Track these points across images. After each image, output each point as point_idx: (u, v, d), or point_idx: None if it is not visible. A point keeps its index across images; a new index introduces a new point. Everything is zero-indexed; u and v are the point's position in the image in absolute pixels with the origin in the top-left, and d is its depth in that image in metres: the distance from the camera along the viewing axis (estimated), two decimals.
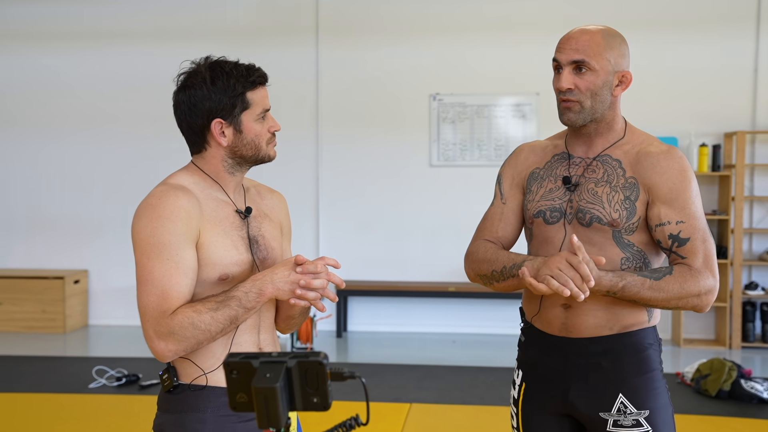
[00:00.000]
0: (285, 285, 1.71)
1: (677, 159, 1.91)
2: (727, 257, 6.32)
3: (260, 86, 1.83)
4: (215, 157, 1.83)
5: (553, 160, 2.05)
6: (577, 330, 1.97)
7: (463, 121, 6.83)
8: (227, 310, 1.69)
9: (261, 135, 1.83)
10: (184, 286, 1.70)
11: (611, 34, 1.94)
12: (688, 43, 6.55)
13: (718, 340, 6.50)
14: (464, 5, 6.79)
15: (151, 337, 1.68)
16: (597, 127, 1.97)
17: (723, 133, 6.52)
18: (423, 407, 4.73)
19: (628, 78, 1.95)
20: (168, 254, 1.69)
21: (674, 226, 1.88)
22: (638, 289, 1.84)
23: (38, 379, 5.36)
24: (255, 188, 2.00)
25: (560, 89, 1.92)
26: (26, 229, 7.23)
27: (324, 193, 6.99)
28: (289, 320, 1.96)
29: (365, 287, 6.78)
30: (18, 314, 6.89)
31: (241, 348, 1.81)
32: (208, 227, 1.77)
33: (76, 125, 7.13)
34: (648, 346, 1.97)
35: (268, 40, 6.98)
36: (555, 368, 2.01)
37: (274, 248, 1.90)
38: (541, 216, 2.01)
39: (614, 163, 1.96)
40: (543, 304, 2.02)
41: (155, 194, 1.74)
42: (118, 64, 7.01)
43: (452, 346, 6.47)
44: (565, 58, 1.92)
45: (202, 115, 1.78)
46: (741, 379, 4.89)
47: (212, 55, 1.84)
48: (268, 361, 1.18)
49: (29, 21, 7.19)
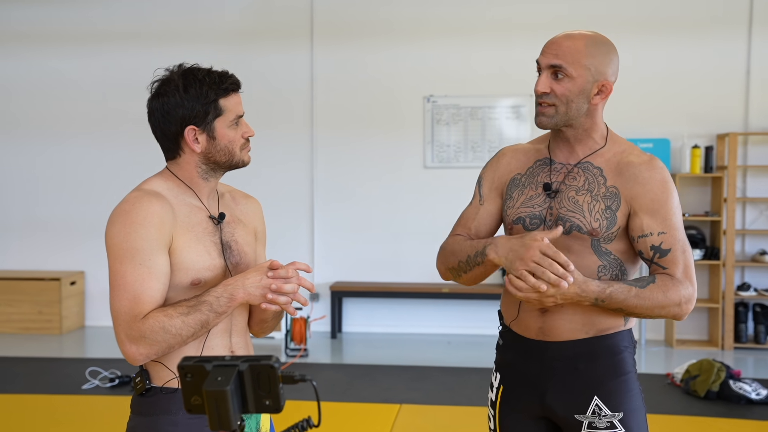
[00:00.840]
0: (256, 290, 1.75)
1: (659, 170, 1.93)
2: (720, 258, 6.34)
3: (233, 93, 1.86)
4: (189, 163, 1.87)
5: (535, 165, 2.06)
6: (554, 334, 1.99)
7: (458, 123, 6.87)
8: (198, 314, 1.72)
9: (234, 141, 1.86)
10: (156, 291, 1.74)
11: (596, 42, 1.94)
12: (680, 45, 6.57)
13: (711, 341, 6.53)
14: (458, 8, 6.82)
15: (122, 340, 1.72)
16: (575, 134, 1.98)
17: (715, 134, 6.55)
18: (413, 408, 4.76)
19: (608, 88, 1.95)
20: (140, 259, 1.72)
21: (656, 237, 1.91)
22: (625, 297, 1.86)
23: (33, 381, 5.40)
24: (230, 194, 2.03)
25: (537, 92, 1.94)
26: (23, 230, 7.28)
27: (319, 194, 7.03)
28: (262, 324, 1.99)
29: (360, 288, 6.82)
30: (15, 315, 6.94)
31: (213, 351, 1.84)
32: (181, 233, 1.80)
33: (73, 127, 7.18)
34: (623, 348, 1.99)
35: (263, 43, 7.02)
36: (532, 371, 2.03)
37: (247, 253, 1.93)
38: (520, 223, 2.02)
39: (595, 170, 1.96)
40: (521, 308, 2.05)
41: (129, 200, 1.78)
42: (116, 67, 7.06)
43: (446, 347, 6.50)
44: (544, 62, 1.94)
45: (176, 122, 1.81)
46: (730, 379, 4.91)
47: (185, 62, 1.87)
48: (220, 364, 1.21)
49: (29, 23, 7.24)
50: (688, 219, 6.45)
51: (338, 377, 5.54)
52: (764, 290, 6.47)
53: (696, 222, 6.55)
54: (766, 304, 6.45)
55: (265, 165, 7.04)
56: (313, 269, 7.00)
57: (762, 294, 6.42)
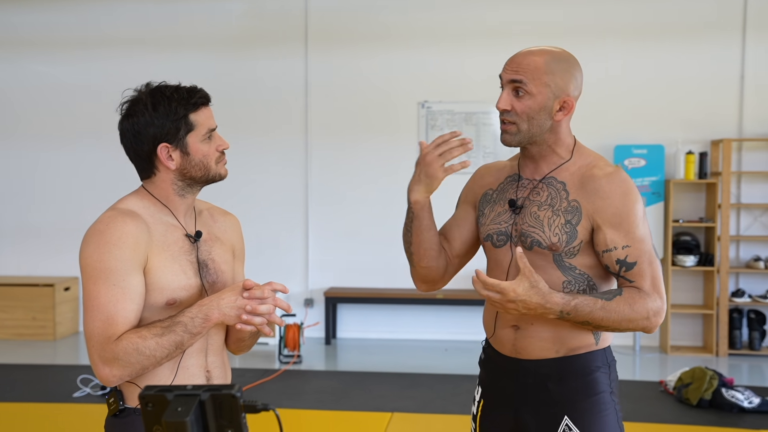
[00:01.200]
0: (231, 310, 1.74)
1: (620, 182, 1.90)
2: (714, 264, 6.33)
3: (203, 107, 1.85)
4: (165, 180, 1.86)
5: (506, 182, 2.07)
6: (526, 352, 1.99)
7: (452, 129, 6.86)
8: (172, 335, 1.71)
9: (209, 155, 1.85)
10: (130, 312, 1.72)
11: (558, 58, 1.93)
12: (675, 51, 6.57)
13: (706, 348, 6.51)
14: (452, 14, 6.82)
15: (95, 362, 1.70)
16: (539, 150, 1.98)
17: (710, 140, 6.54)
18: (404, 416, 4.75)
19: (570, 104, 1.94)
20: (114, 280, 1.71)
21: (621, 251, 1.88)
22: (591, 309, 1.83)
23: (25, 388, 5.39)
24: (208, 211, 2.02)
25: (498, 108, 1.94)
26: (17, 235, 7.27)
27: (313, 199, 7.02)
28: (239, 343, 1.98)
29: (354, 294, 6.81)
30: (8, 321, 6.93)
31: (188, 371, 1.83)
32: (157, 252, 1.79)
33: (67, 133, 7.18)
34: (595, 369, 1.97)
35: (258, 48, 7.02)
36: (507, 388, 2.04)
37: (225, 272, 1.92)
38: (489, 240, 2.04)
39: (559, 185, 1.96)
40: (497, 324, 2.05)
41: (103, 220, 1.77)
42: (110, 73, 7.04)
43: (440, 354, 6.49)
44: (505, 78, 1.93)
45: (148, 141, 1.81)
46: (722, 387, 4.90)
47: (152, 81, 1.86)
48: (182, 394, 1.20)
49: (22, 29, 7.24)
50: (682, 225, 6.44)
51: (331, 384, 5.53)
52: (759, 296, 6.45)
53: (690, 228, 6.54)
54: (761, 311, 6.44)
55: (259, 170, 7.04)
56: (308, 275, 7.03)
57: (756, 300, 6.41)
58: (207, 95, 1.87)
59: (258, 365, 6.07)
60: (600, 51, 6.63)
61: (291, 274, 7.05)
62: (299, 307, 7.04)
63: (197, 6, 7.06)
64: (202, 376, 1.86)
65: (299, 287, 7.06)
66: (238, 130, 7.04)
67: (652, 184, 6.40)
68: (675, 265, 6.39)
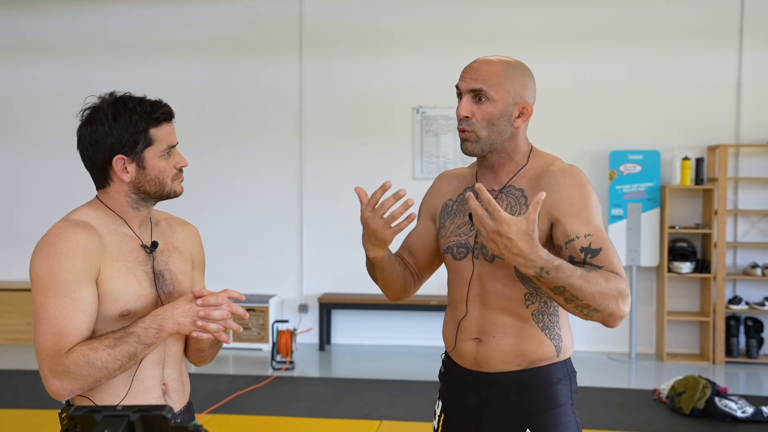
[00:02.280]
0: (185, 318, 1.71)
1: (574, 175, 1.89)
2: (711, 271, 6.28)
3: (165, 123, 1.82)
4: (119, 192, 1.83)
5: (465, 192, 2.05)
6: (487, 364, 1.97)
7: (447, 134, 6.82)
8: (125, 346, 1.68)
9: (165, 171, 1.83)
10: (81, 324, 1.70)
11: (513, 65, 1.93)
12: (671, 56, 6.52)
13: (702, 355, 6.45)
14: (446, 19, 6.79)
15: (46, 375, 1.68)
16: (498, 159, 1.96)
17: (706, 146, 6.49)
18: (392, 425, 4.71)
19: (529, 110, 1.93)
20: (65, 291, 1.68)
21: (584, 240, 1.83)
22: (571, 273, 1.73)
23: (18, 394, 5.36)
24: (166, 221, 1.99)
25: (458, 116, 1.92)
26: (9, 240, 7.26)
27: (307, 205, 6.99)
28: (199, 353, 1.95)
29: (348, 300, 6.78)
30: (2, 326, 6.92)
31: (143, 384, 1.80)
32: (109, 263, 1.76)
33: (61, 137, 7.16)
34: (556, 381, 1.95)
35: (252, 54, 7.00)
36: (469, 402, 2.01)
37: (182, 282, 1.89)
38: (449, 252, 2.02)
39: (517, 192, 1.94)
40: (458, 337, 2.03)
41: (53, 231, 1.74)
42: (105, 77, 7.03)
43: (433, 360, 6.44)
44: (464, 86, 1.92)
45: (104, 151, 1.78)
46: (715, 397, 4.85)
47: (117, 91, 1.83)
48: (111, 414, 1.17)
49: (15, 34, 7.25)
50: (678, 231, 6.39)
51: (322, 392, 5.49)
52: (756, 304, 6.39)
53: (687, 235, 6.48)
54: (758, 318, 6.38)
55: (253, 176, 7.02)
56: (302, 280, 7.00)
57: (754, 307, 6.35)
58: (170, 111, 1.84)
59: (250, 371, 6.04)
60: (597, 57, 6.59)
61: (285, 279, 7.02)
62: (293, 312, 7.01)
63: (194, 12, 7.05)
64: (158, 389, 1.83)
65: (293, 293, 7.04)
66: (233, 134, 7.04)
67: (647, 190, 6.35)
68: (671, 271, 6.34)
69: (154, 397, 1.81)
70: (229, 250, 6.97)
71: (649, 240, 6.35)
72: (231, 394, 5.29)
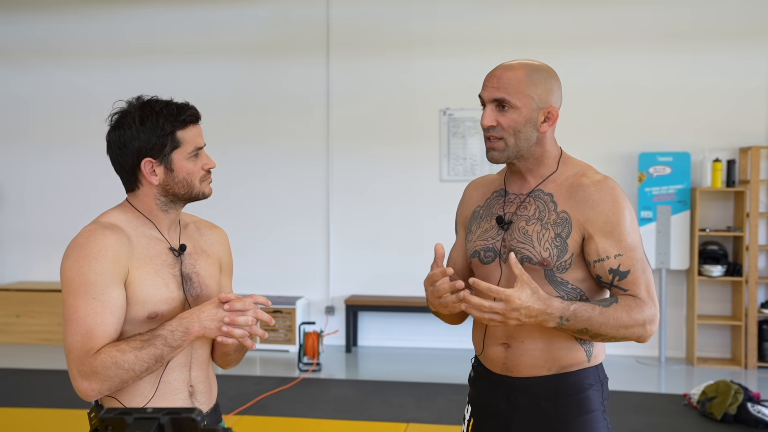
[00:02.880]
0: (211, 323, 1.72)
1: (609, 189, 1.87)
2: (742, 275, 6.18)
3: (191, 125, 1.83)
4: (148, 195, 1.85)
5: (492, 197, 2.04)
6: (517, 369, 1.95)
7: (474, 136, 6.80)
8: (152, 348, 1.69)
9: (193, 173, 1.84)
10: (110, 325, 1.71)
11: (536, 69, 1.89)
12: (701, 57, 6.44)
13: (734, 360, 6.36)
14: (473, 21, 6.77)
15: (74, 376, 1.69)
16: (526, 164, 1.95)
17: (738, 147, 6.39)
18: (420, 427, 4.70)
19: (555, 114, 1.91)
20: (94, 293, 1.70)
21: (613, 261, 1.84)
22: (589, 315, 1.77)
23: (48, 394, 5.44)
24: (194, 224, 2.00)
25: (483, 126, 1.90)
26: (44, 242, 7.36)
27: (334, 207, 7.01)
28: (224, 356, 1.95)
29: (375, 302, 6.78)
30: (34, 327, 7.02)
31: (170, 386, 1.81)
32: (138, 265, 1.78)
33: (91, 140, 7.25)
34: (588, 386, 1.93)
35: (280, 56, 7.03)
36: (498, 407, 2.00)
37: (210, 285, 1.90)
38: (476, 256, 2.00)
39: (546, 197, 1.92)
40: (486, 342, 2.01)
41: (83, 233, 1.76)
42: (135, 80, 7.11)
43: (460, 362, 6.41)
44: (487, 96, 1.89)
45: (132, 154, 1.80)
46: (748, 402, 4.77)
47: (144, 94, 1.85)
48: (141, 417, 1.18)
49: (45, 39, 7.35)
50: (709, 234, 6.30)
51: (349, 394, 5.50)
52: None
53: (718, 237, 6.39)
54: None
55: (280, 178, 7.05)
56: (329, 282, 7.01)
57: None
58: (197, 113, 1.85)
59: (277, 373, 6.06)
60: (626, 58, 6.53)
61: (312, 281, 7.05)
62: (320, 314, 7.03)
63: (221, 15, 7.10)
64: (185, 391, 1.84)
65: (320, 295, 7.05)
66: (260, 137, 7.07)
67: (677, 192, 6.28)
68: (701, 275, 6.26)
69: (181, 399, 1.82)
70: (257, 251, 7.00)
71: (678, 243, 6.27)
72: (258, 396, 5.31)
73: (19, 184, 7.46)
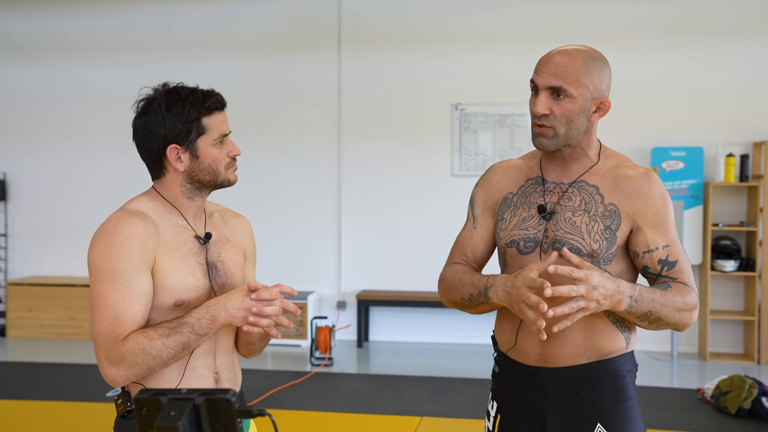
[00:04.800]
0: (238, 312, 1.72)
1: (657, 183, 1.89)
2: (756, 270, 6.16)
3: (217, 111, 1.83)
4: (173, 182, 1.85)
5: (527, 185, 1.97)
6: (555, 359, 1.91)
7: (486, 131, 6.79)
8: (179, 336, 1.70)
9: (219, 160, 1.84)
10: (137, 312, 1.72)
11: (593, 57, 1.85)
12: (714, 51, 6.41)
13: (747, 355, 6.34)
14: (485, 15, 6.76)
15: (102, 362, 1.70)
16: (571, 153, 1.91)
17: (751, 142, 6.37)
18: (433, 421, 4.70)
19: (606, 105, 1.87)
20: (122, 280, 1.71)
21: (662, 251, 1.87)
22: (653, 296, 1.78)
23: (60, 387, 5.46)
24: (219, 213, 2.00)
25: (536, 113, 1.84)
26: (56, 236, 7.39)
27: (346, 202, 7.01)
28: (248, 346, 1.96)
29: (387, 297, 6.78)
30: (46, 321, 7.05)
31: (196, 373, 1.81)
32: (165, 253, 1.78)
33: (101, 135, 7.27)
34: (626, 373, 1.92)
35: (291, 51, 7.03)
36: (532, 399, 1.95)
37: (235, 274, 1.90)
38: (514, 246, 1.94)
39: (591, 189, 1.89)
40: (519, 335, 1.96)
41: (111, 220, 1.76)
42: (146, 75, 7.09)
43: (471, 357, 6.42)
44: (542, 82, 1.83)
45: (158, 141, 1.80)
46: (762, 396, 4.75)
47: (170, 81, 1.85)
48: (176, 398, 1.18)
49: (54, 33, 7.36)
50: (722, 229, 6.28)
51: (362, 388, 5.50)
52: None
53: (731, 232, 6.37)
54: None
55: (291, 173, 7.06)
56: (340, 277, 7.02)
57: None
58: (222, 100, 1.85)
59: (289, 367, 6.07)
60: (638, 52, 6.51)
61: (324, 276, 7.05)
62: (331, 309, 7.04)
63: (233, 10, 7.11)
64: (210, 378, 1.84)
65: (332, 289, 7.06)
66: (271, 131, 7.08)
67: (690, 187, 6.26)
68: (714, 270, 6.23)
69: (207, 385, 1.82)
70: (268, 246, 7.00)
71: (691, 238, 6.25)
72: (270, 390, 5.32)
73: (32, 179, 7.48)
